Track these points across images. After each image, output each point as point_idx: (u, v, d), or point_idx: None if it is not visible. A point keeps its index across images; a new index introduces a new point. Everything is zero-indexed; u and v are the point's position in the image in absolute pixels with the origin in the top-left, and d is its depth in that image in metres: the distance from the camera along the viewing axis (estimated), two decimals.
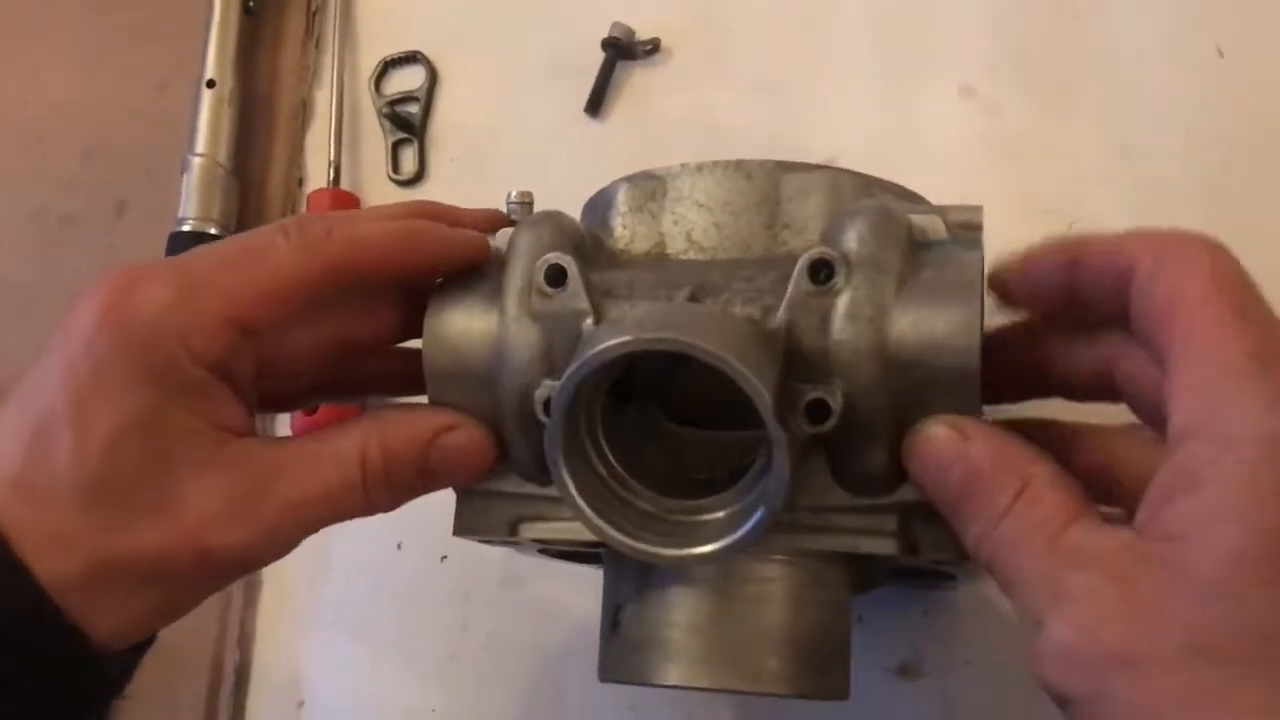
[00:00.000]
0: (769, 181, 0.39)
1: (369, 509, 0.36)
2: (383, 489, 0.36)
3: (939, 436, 0.32)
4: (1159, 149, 0.51)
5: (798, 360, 0.34)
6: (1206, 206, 0.50)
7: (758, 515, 0.32)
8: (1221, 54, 0.51)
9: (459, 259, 0.38)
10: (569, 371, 0.33)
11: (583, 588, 0.40)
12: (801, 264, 0.34)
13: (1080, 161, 0.52)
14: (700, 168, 0.39)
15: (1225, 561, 0.26)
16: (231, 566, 0.34)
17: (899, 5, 0.56)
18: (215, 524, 0.32)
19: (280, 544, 0.34)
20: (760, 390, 0.31)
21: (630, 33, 0.58)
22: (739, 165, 0.39)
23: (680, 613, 0.37)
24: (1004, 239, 0.53)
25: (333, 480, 0.35)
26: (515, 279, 0.37)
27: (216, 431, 0.33)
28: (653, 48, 0.58)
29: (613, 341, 0.32)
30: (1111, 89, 0.52)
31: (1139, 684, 0.26)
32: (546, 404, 0.35)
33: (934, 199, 0.49)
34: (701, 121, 0.58)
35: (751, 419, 0.32)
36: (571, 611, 0.54)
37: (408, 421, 0.37)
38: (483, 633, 0.56)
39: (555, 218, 0.39)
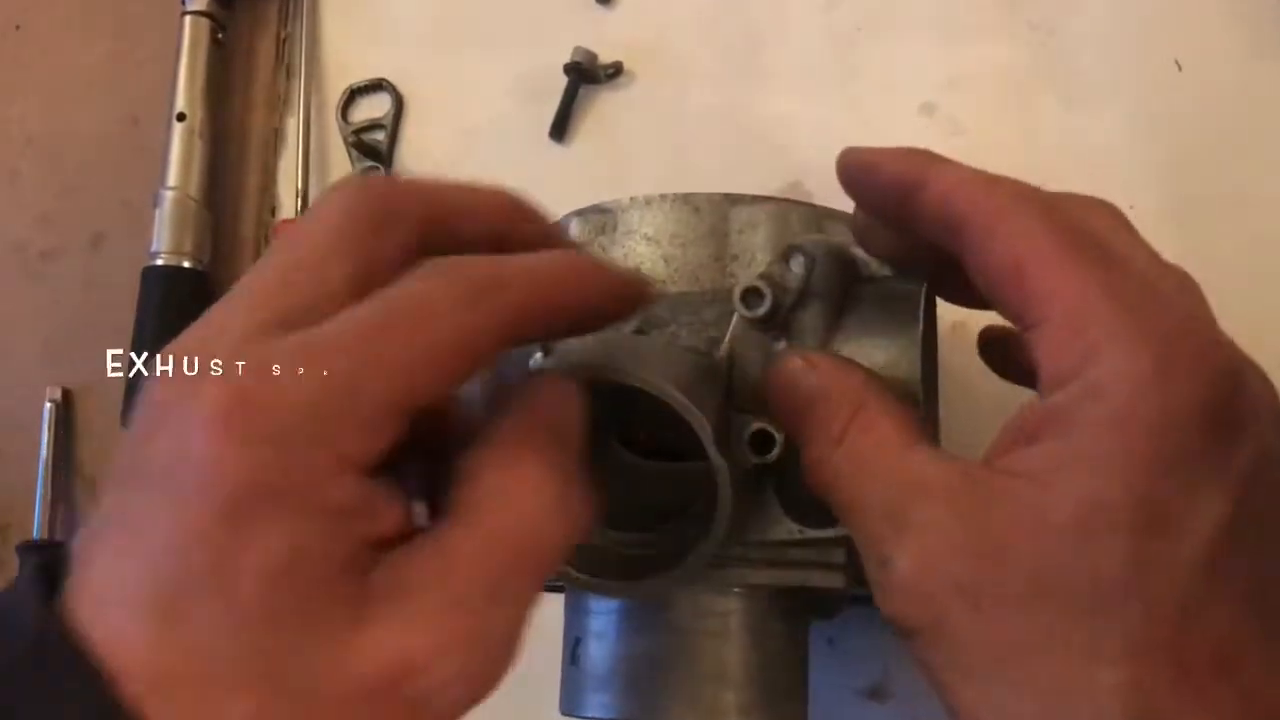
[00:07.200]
0: (717, 214, 0.39)
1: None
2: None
3: (790, 363, 0.33)
4: (1118, 164, 0.51)
5: (742, 391, 0.34)
6: (1165, 218, 0.50)
7: (701, 547, 0.32)
8: (1180, 67, 0.51)
9: (621, 302, 0.31)
10: None
11: (560, 609, 0.41)
12: (736, 294, 0.34)
13: (1041, 177, 0.52)
14: (649, 201, 0.40)
15: (1084, 506, 0.26)
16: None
17: (857, 24, 0.56)
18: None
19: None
20: (700, 420, 0.31)
21: (592, 57, 0.59)
22: (687, 199, 0.39)
23: (637, 646, 0.37)
24: None
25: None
26: None
27: (375, 552, 0.25)
28: (615, 71, 0.59)
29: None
30: (1070, 104, 0.52)
31: (979, 619, 0.26)
32: None
33: None
34: (665, 143, 0.58)
35: (700, 451, 0.32)
36: (550, 632, 0.54)
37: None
38: None
39: None
